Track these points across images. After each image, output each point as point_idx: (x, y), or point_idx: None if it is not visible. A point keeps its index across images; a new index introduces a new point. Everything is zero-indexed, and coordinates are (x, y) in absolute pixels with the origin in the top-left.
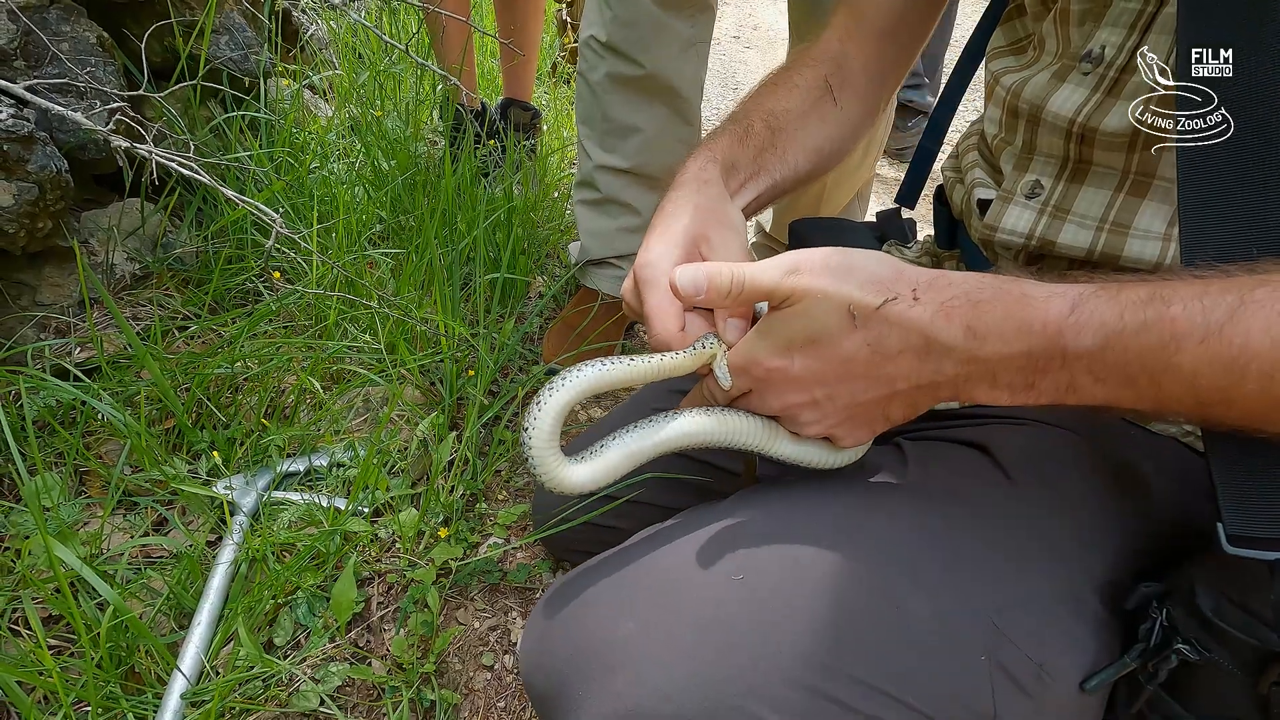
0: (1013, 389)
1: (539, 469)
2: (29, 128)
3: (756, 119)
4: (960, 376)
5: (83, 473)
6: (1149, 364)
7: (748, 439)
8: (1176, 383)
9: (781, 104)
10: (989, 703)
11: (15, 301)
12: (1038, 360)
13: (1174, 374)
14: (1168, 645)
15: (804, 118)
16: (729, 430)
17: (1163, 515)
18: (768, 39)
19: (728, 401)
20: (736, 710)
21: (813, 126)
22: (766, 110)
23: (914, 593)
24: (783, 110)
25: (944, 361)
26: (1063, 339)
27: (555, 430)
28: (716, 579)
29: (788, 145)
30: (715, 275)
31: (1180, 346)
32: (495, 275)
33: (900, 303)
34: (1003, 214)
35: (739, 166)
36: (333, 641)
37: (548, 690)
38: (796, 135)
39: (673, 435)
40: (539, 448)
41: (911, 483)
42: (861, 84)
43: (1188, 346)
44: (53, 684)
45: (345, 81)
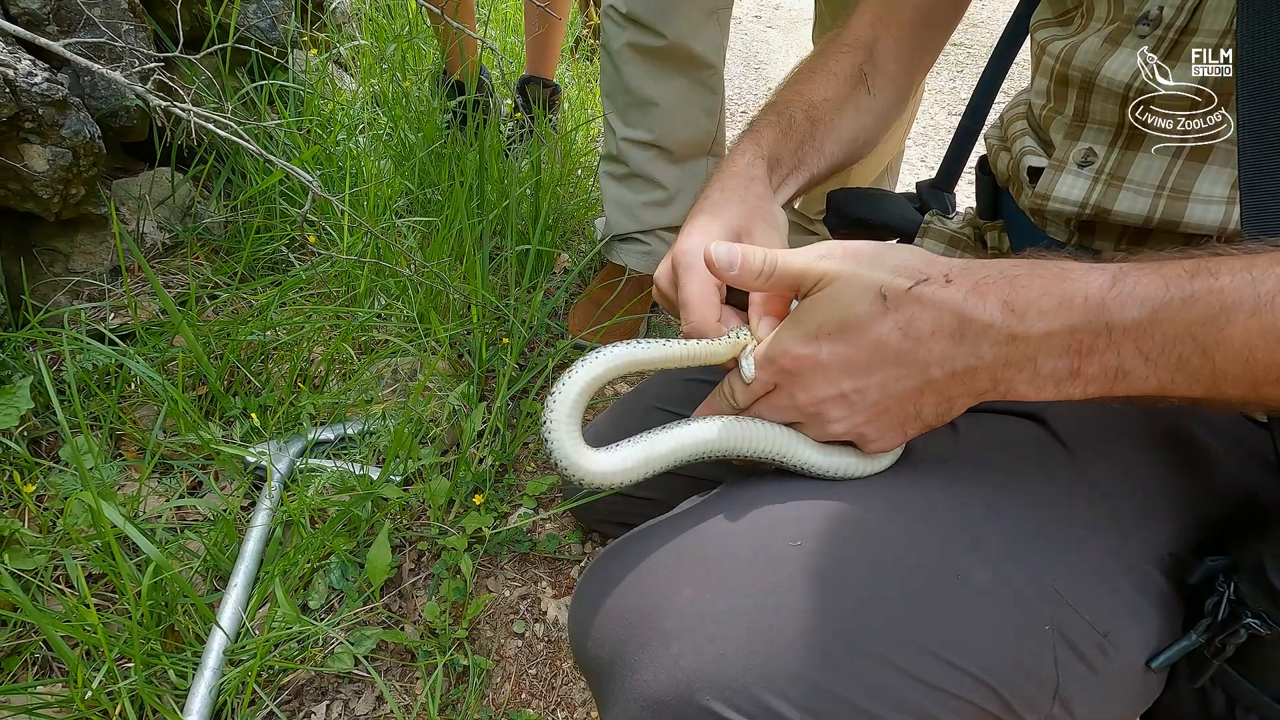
0: (1057, 378)
1: (554, 446)
2: (63, 92)
3: (798, 110)
4: (999, 360)
5: (118, 437)
6: (1201, 339)
7: (773, 446)
8: (1230, 359)
9: (821, 93)
10: (1051, 671)
11: (49, 268)
12: (1082, 338)
13: (1227, 349)
14: (1236, 620)
15: (840, 108)
16: (756, 437)
17: (1222, 487)
18: (789, 19)
19: (749, 399)
20: (796, 678)
21: (849, 116)
22: (807, 101)
23: (975, 562)
24: (822, 100)
25: (980, 343)
26: (1107, 312)
27: (578, 407)
28: (775, 546)
29: (825, 137)
30: (749, 253)
31: (1231, 318)
32: (526, 246)
33: (932, 284)
34: (1055, 183)
35: (782, 161)
36: (366, 605)
37: (601, 655)
38: (834, 126)
39: (692, 442)
40: (558, 423)
41: (966, 454)
42: (893, 70)
43: (1239, 318)
44: (96, 639)
45: (370, 53)
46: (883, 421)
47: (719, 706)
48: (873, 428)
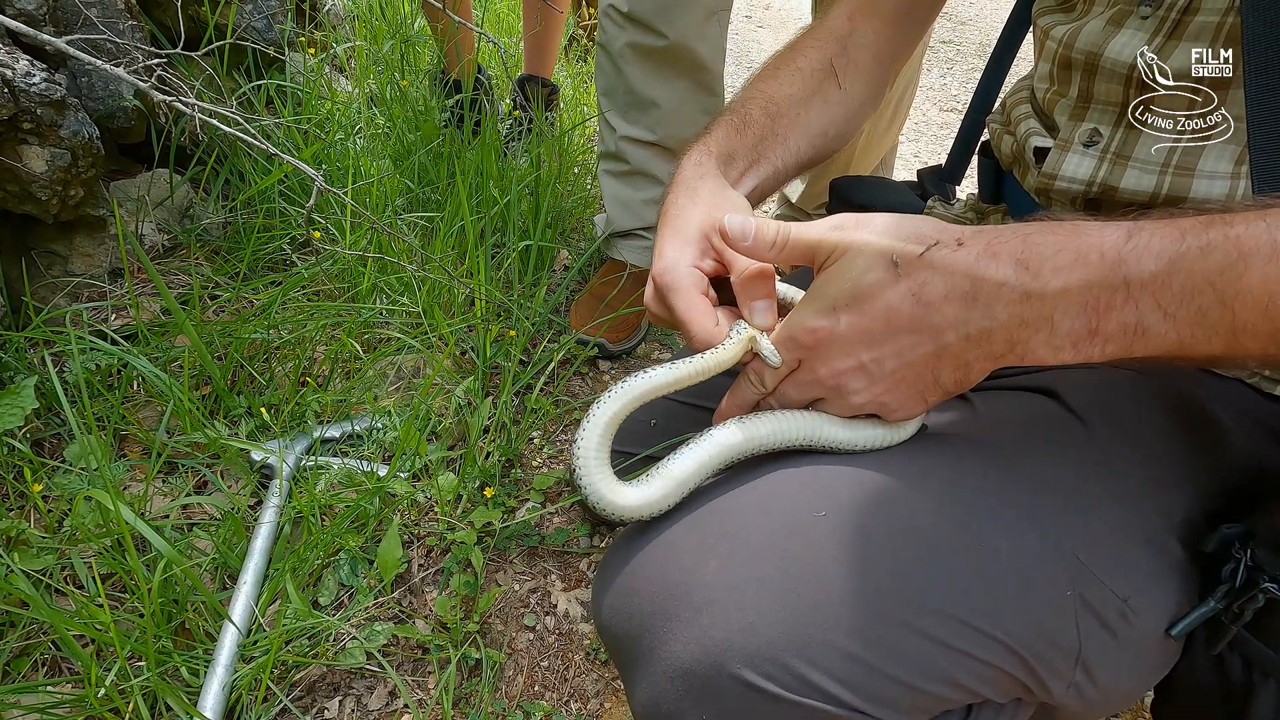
0: (1074, 338)
1: (588, 490)
2: (61, 92)
3: (755, 107)
4: (1014, 321)
5: (121, 437)
6: (1220, 288)
7: (798, 432)
8: (1250, 309)
9: (783, 90)
10: (1074, 638)
11: (47, 271)
12: (1099, 294)
13: (1246, 298)
14: (1254, 585)
15: (806, 103)
16: (779, 430)
17: (1234, 456)
18: (780, 19)
19: (775, 381)
20: (824, 645)
21: (815, 111)
22: (766, 97)
23: (997, 530)
24: (783, 96)
25: (994, 304)
26: (1124, 266)
27: (605, 444)
28: (799, 516)
29: (789, 131)
30: (762, 225)
31: (1249, 265)
32: (529, 242)
33: (943, 248)
34: (1061, 162)
35: (737, 156)
36: (376, 600)
37: (629, 630)
38: (798, 120)
39: (718, 453)
40: (587, 464)
41: (982, 429)
42: (868, 64)
43: (1256, 265)
44: (108, 637)
45: (365, 53)
46: (902, 390)
47: (750, 675)
48: (893, 396)
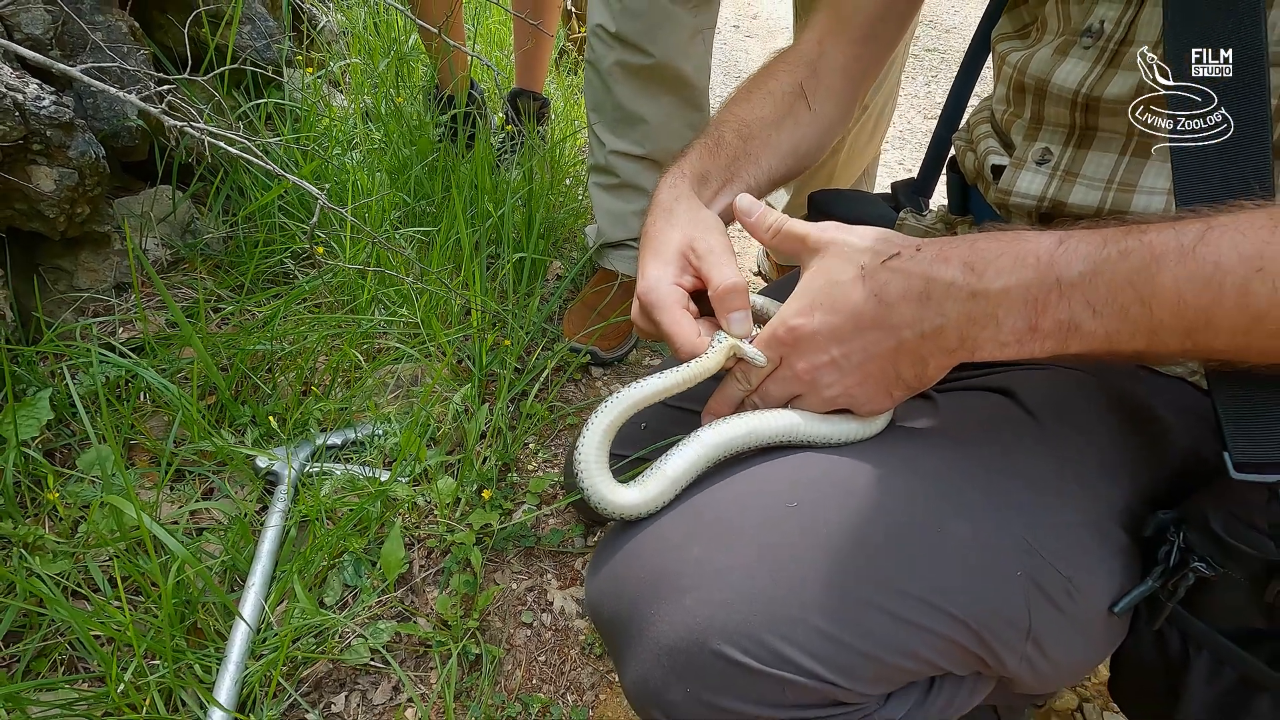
0: (1017, 334)
1: (590, 492)
2: (69, 114)
3: (728, 129)
4: (963, 318)
5: (131, 446)
6: (1139, 287)
7: (778, 429)
8: (1164, 307)
9: (755, 112)
10: (1024, 615)
11: (54, 286)
12: (1036, 293)
13: (1161, 297)
14: (1185, 565)
15: (778, 124)
16: (760, 427)
17: (1173, 449)
18: (767, 28)
19: (759, 379)
20: (796, 621)
21: (786, 131)
22: (739, 120)
23: (955, 517)
24: (755, 119)
25: (945, 302)
26: (1055, 268)
27: (603, 450)
28: (775, 507)
29: (760, 151)
30: (765, 212)
31: (1161, 267)
32: (522, 254)
33: (902, 256)
34: (1015, 179)
35: (711, 176)
36: (380, 600)
37: (618, 614)
38: (769, 141)
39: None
40: (588, 469)
41: (945, 425)
42: (838, 85)
43: (1167, 265)
44: (126, 636)
45: (362, 70)
46: (870, 385)
47: (728, 649)
48: (862, 390)
